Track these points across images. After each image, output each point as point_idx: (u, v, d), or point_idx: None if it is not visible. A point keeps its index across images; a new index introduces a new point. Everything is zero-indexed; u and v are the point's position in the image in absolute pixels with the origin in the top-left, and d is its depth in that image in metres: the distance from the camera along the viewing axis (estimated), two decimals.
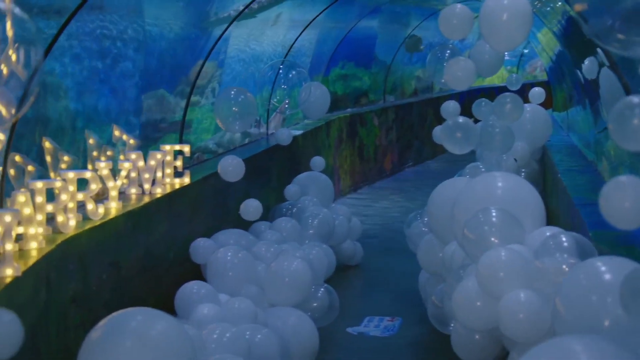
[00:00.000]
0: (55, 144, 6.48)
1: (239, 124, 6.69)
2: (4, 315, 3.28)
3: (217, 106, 6.83)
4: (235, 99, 6.76)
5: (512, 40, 6.40)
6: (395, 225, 11.69)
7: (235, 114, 6.70)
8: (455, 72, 6.67)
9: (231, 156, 6.90)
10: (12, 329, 3.26)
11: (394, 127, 16.99)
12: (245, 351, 5.71)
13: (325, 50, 14.04)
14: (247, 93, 6.85)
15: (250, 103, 6.79)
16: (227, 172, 6.80)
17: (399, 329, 7.79)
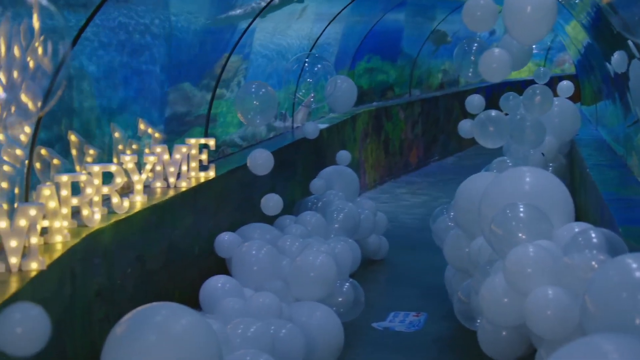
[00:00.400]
0: (80, 137, 6.48)
1: (259, 118, 6.66)
2: (31, 310, 3.26)
3: (238, 100, 6.79)
4: (256, 93, 6.71)
5: (536, 32, 6.33)
6: (421, 220, 11.62)
7: (256, 108, 6.66)
8: (490, 63, 6.57)
9: (260, 149, 6.86)
10: (39, 324, 3.24)
11: (420, 120, 16.89)
12: (270, 346, 5.68)
13: (351, 44, 13.97)
14: (268, 87, 6.81)
15: (271, 97, 6.75)
16: (257, 165, 6.77)
17: (424, 324, 7.72)
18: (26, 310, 3.24)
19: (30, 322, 3.21)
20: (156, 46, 7.89)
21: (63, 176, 5.59)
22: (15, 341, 3.19)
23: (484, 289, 5.52)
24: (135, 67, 7.62)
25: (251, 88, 6.80)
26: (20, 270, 4.62)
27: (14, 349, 3.21)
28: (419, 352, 7.09)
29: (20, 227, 4.62)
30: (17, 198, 5.35)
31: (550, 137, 9.76)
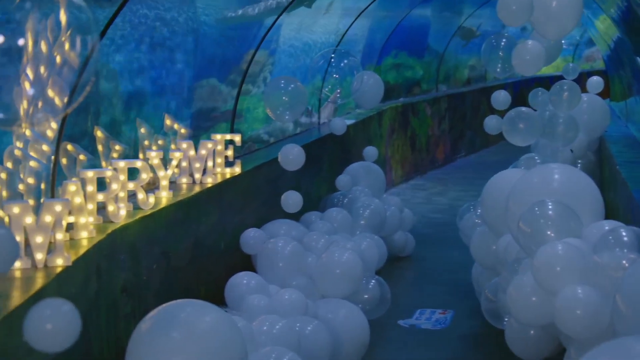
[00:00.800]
0: (106, 133, 6.48)
1: (289, 114, 6.62)
2: (62, 306, 3.24)
3: (267, 96, 6.76)
4: (285, 88, 6.68)
5: (562, 27, 6.25)
6: (447, 217, 11.55)
7: (285, 103, 6.63)
8: (524, 55, 6.48)
9: (292, 145, 6.82)
10: (69, 320, 3.22)
11: (447, 116, 16.80)
12: (295, 343, 5.65)
13: (377, 39, 13.91)
14: (297, 82, 6.78)
15: (301, 92, 6.71)
16: (288, 160, 6.73)
17: (450, 322, 7.67)
18: (57, 306, 3.22)
19: (60, 318, 3.19)
20: (183, 41, 7.88)
21: (89, 172, 5.58)
22: (45, 337, 3.17)
23: (512, 287, 5.45)
24: (161, 63, 7.62)
25: (280, 83, 6.76)
26: (45, 266, 4.61)
27: (44, 345, 3.20)
28: (445, 350, 7.03)
29: (46, 222, 4.62)
30: (44, 194, 5.36)
31: (579, 134, 9.65)
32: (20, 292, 4.22)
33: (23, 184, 5.13)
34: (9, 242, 3.01)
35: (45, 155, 5.45)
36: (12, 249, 3.01)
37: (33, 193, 5.20)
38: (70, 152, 5.92)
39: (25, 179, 5.16)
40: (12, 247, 3.02)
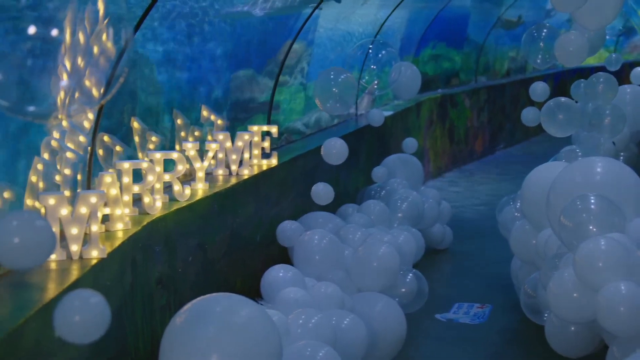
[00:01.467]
0: (143, 124, 6.46)
1: (339, 106, 6.55)
2: (91, 297, 3.20)
3: (317, 87, 6.69)
4: (335, 79, 6.61)
5: (602, 16, 6.11)
6: (486, 209, 11.44)
7: (335, 95, 6.56)
8: (567, 47, 6.36)
9: (334, 138, 6.75)
10: (99, 311, 3.18)
11: (486, 108, 16.64)
12: (331, 337, 5.60)
13: (416, 30, 13.79)
14: (348, 73, 6.70)
15: (351, 83, 6.64)
16: (331, 154, 6.66)
17: (489, 316, 7.57)
18: (86, 297, 3.18)
19: (90, 309, 3.16)
20: (220, 32, 7.84)
21: (124, 163, 5.56)
22: (74, 329, 3.14)
23: (553, 283, 5.35)
24: (198, 53, 7.58)
25: (330, 74, 6.69)
26: (81, 258, 4.59)
27: (73, 336, 3.17)
28: (484, 345, 6.94)
29: (81, 214, 4.60)
30: (80, 185, 5.34)
31: None
32: (56, 284, 4.20)
33: (59, 175, 5.11)
34: (46, 233, 2.98)
35: (81, 146, 5.44)
36: (49, 241, 2.99)
37: (69, 184, 5.18)
38: (106, 143, 5.91)
39: (62, 170, 5.14)
40: (50, 239, 2.99)
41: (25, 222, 2.97)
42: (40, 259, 3.00)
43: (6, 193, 4.43)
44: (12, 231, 2.94)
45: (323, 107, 6.62)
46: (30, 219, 2.99)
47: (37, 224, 2.98)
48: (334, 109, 6.58)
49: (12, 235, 2.93)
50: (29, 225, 2.97)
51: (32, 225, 2.97)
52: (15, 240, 2.92)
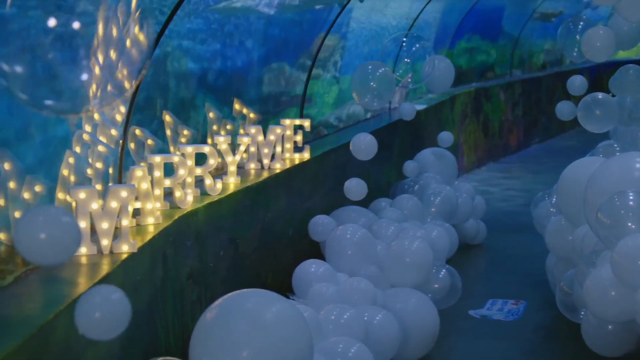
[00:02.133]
0: (175, 117, 6.43)
1: (377, 100, 6.48)
2: (112, 293, 3.16)
3: (355, 81, 6.62)
4: (373, 73, 6.53)
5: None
6: (521, 204, 11.31)
7: (373, 89, 6.49)
8: (594, 42, 6.24)
9: (364, 133, 6.68)
10: (119, 308, 3.14)
11: (521, 102, 16.47)
12: (363, 333, 5.55)
13: (450, 23, 13.66)
14: (386, 67, 6.63)
15: (389, 78, 6.57)
16: (360, 149, 6.60)
17: (523, 313, 7.47)
18: (107, 293, 3.14)
19: (110, 306, 3.12)
20: (252, 25, 7.79)
21: (156, 157, 5.53)
22: (94, 325, 3.10)
23: (589, 281, 5.24)
24: (230, 46, 7.55)
25: (368, 68, 6.62)
26: (111, 252, 4.57)
27: (94, 333, 3.13)
28: (518, 342, 6.84)
29: (112, 208, 4.57)
30: (111, 178, 5.33)
31: None
32: (86, 278, 4.18)
33: (91, 168, 5.10)
34: (72, 230, 2.95)
35: (113, 140, 5.43)
36: (74, 238, 2.95)
37: (101, 178, 5.17)
38: (138, 136, 5.89)
39: (94, 163, 5.13)
40: (75, 236, 2.95)
41: (51, 218, 2.93)
42: (65, 255, 2.96)
43: (37, 187, 4.41)
44: (38, 227, 2.90)
45: (360, 102, 6.55)
46: (56, 215, 2.95)
47: (63, 220, 2.94)
48: (372, 104, 6.51)
49: (39, 231, 2.89)
50: (55, 221, 2.93)
51: (59, 221, 2.93)
52: (41, 236, 2.89)
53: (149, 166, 5.47)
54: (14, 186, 4.30)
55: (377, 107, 6.95)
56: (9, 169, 4.28)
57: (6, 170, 4.28)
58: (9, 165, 4.27)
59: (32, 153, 4.64)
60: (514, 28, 16.37)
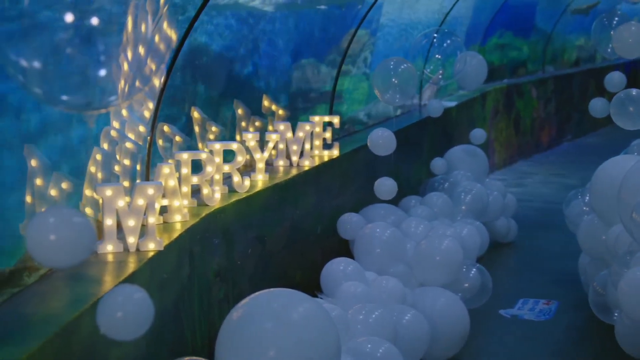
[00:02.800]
0: (203, 114, 6.39)
1: (399, 97, 6.40)
2: (135, 293, 3.11)
3: (376, 77, 6.55)
4: (395, 69, 6.46)
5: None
6: (553, 202, 11.18)
7: (395, 85, 6.41)
8: (626, 38, 6.12)
9: (382, 129, 6.61)
10: (142, 308, 3.09)
11: (553, 98, 16.29)
12: (392, 333, 5.48)
13: (482, 19, 13.53)
14: (408, 63, 6.55)
15: (411, 74, 6.49)
16: (377, 145, 6.52)
17: (555, 313, 7.36)
18: (129, 293, 3.09)
19: (132, 306, 3.06)
20: (281, 20, 7.74)
21: (183, 154, 5.49)
22: (116, 325, 3.05)
23: (624, 281, 5.13)
24: (259, 42, 7.50)
25: (390, 64, 6.55)
26: (138, 250, 4.53)
27: (116, 333, 3.08)
28: (549, 343, 6.74)
29: (138, 206, 4.53)
30: (139, 175, 5.30)
31: None
32: (112, 276, 4.14)
33: (119, 165, 5.07)
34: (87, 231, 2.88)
35: (141, 136, 5.39)
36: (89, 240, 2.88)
37: (128, 174, 5.14)
38: (166, 133, 5.85)
39: (121, 160, 5.10)
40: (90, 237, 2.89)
41: (62, 219, 2.86)
42: (78, 257, 2.89)
43: (64, 184, 4.39)
44: (48, 229, 2.84)
45: (382, 98, 6.47)
46: (68, 216, 2.89)
47: (74, 220, 2.87)
48: (394, 100, 6.43)
49: (49, 232, 2.83)
50: (67, 222, 2.86)
51: (70, 223, 2.86)
52: (51, 238, 2.82)
53: (176, 163, 5.43)
54: (41, 183, 4.28)
55: (399, 104, 6.87)
56: (36, 166, 4.26)
57: (33, 166, 4.26)
58: (35, 161, 4.25)
59: (59, 150, 4.61)
60: (546, 24, 16.19)
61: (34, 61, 2.83)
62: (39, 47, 2.86)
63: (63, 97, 2.90)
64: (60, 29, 2.85)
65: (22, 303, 3.79)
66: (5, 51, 2.79)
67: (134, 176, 5.21)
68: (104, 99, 3.00)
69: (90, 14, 2.90)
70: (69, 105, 2.96)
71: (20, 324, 3.51)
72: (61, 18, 2.85)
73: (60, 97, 2.91)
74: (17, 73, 2.82)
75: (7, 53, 2.79)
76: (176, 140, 5.88)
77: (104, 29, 3.14)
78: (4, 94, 4.02)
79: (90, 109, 3.07)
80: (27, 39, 2.86)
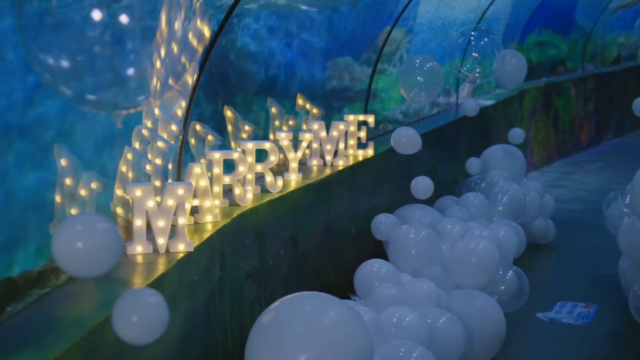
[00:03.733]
0: (236, 112, 6.33)
1: (424, 95, 6.29)
2: (150, 297, 3.03)
3: (401, 75, 6.45)
4: (421, 68, 6.36)
5: None
6: (592, 203, 10.99)
7: (420, 84, 6.31)
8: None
9: (405, 128, 6.50)
10: (157, 311, 3.01)
11: (592, 97, 16.04)
12: (426, 337, 5.38)
13: (520, 16, 13.35)
14: (433, 61, 6.45)
15: (437, 72, 6.38)
16: (401, 143, 6.41)
17: (594, 316, 7.20)
18: (144, 297, 3.01)
19: (147, 309, 2.98)
20: (316, 18, 7.66)
21: (215, 153, 5.43)
22: (132, 329, 2.97)
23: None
24: (293, 40, 7.43)
25: (415, 62, 6.45)
26: (167, 251, 4.48)
27: (131, 337, 3.01)
28: (588, 348, 6.60)
29: (168, 206, 4.47)
30: (170, 175, 5.25)
31: None
32: (141, 278, 4.09)
33: (150, 164, 5.02)
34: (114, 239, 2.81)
35: (173, 136, 5.34)
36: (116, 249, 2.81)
37: (160, 174, 5.09)
38: (198, 132, 5.80)
39: (153, 159, 5.05)
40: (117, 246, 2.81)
41: (88, 226, 2.78)
42: (105, 266, 2.81)
43: (94, 184, 4.34)
44: (75, 236, 2.76)
45: (407, 96, 6.37)
46: (93, 223, 2.81)
47: (100, 227, 2.79)
48: (419, 98, 6.32)
49: (75, 240, 2.75)
50: (93, 229, 2.78)
51: (96, 229, 2.78)
52: (78, 246, 2.74)
53: (208, 163, 5.38)
54: (70, 183, 4.24)
55: (424, 103, 6.76)
56: (65, 165, 4.22)
57: (62, 166, 4.22)
58: (65, 161, 4.21)
59: (89, 149, 4.57)
60: (587, 21, 15.95)
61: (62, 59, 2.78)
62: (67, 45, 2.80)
63: (90, 96, 2.84)
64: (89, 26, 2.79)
65: (50, 305, 3.75)
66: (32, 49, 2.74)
67: (165, 175, 5.16)
68: (133, 98, 2.94)
69: (120, 11, 2.83)
70: (97, 106, 2.90)
71: (48, 326, 3.47)
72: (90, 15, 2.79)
73: (87, 97, 2.85)
74: (44, 71, 2.77)
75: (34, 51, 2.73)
76: (208, 140, 5.82)
77: (132, 27, 3.08)
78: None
79: (118, 109, 3.01)
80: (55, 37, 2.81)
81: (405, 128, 6.42)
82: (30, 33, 2.82)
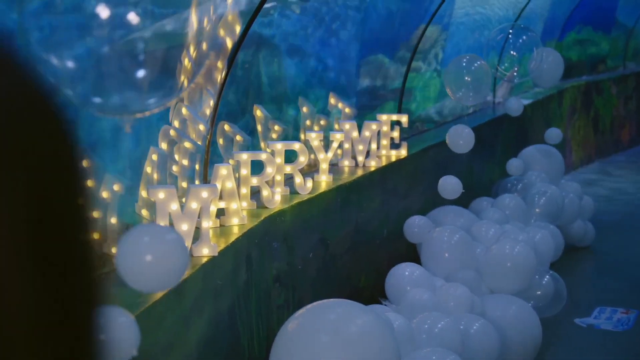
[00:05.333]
0: (266, 112, 6.21)
1: (472, 96, 6.14)
2: (120, 317, 2.91)
3: (448, 75, 6.30)
4: (468, 67, 6.21)
5: None
6: (633, 205, 10.76)
7: (468, 84, 6.16)
8: None
9: (461, 126, 6.35)
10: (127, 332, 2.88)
11: (634, 96, 15.73)
12: (459, 344, 5.23)
13: (560, 14, 13.10)
14: (482, 60, 6.29)
15: (485, 72, 6.23)
16: (457, 144, 6.26)
17: (634, 323, 6.99)
18: (114, 317, 2.90)
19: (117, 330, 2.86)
20: (350, 15, 7.53)
21: (242, 154, 5.31)
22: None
23: None
24: (326, 38, 7.30)
25: (462, 62, 6.30)
26: (191, 255, 4.36)
27: None
28: (628, 355, 6.42)
29: (192, 209, 4.35)
30: (197, 176, 5.13)
31: None
32: None
33: (177, 165, 4.91)
34: (181, 252, 2.67)
35: (201, 136, 5.23)
36: (182, 262, 2.67)
37: (187, 175, 4.98)
38: (227, 132, 5.68)
39: (180, 160, 4.94)
40: (183, 260, 2.68)
41: (155, 237, 2.64)
42: (171, 280, 2.67)
43: (116, 185, 4.24)
44: (143, 249, 2.61)
45: (454, 97, 6.22)
46: (161, 234, 2.67)
47: (167, 237, 2.65)
48: (467, 99, 6.16)
49: (143, 253, 2.60)
50: (160, 241, 2.63)
51: (163, 242, 2.64)
52: (147, 259, 2.59)
53: (236, 163, 5.26)
54: (91, 184, 4.14)
55: (472, 103, 6.60)
56: (86, 167, 4.12)
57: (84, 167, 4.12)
58: (86, 162, 4.11)
59: (111, 150, 4.48)
60: (629, 18, 15.64)
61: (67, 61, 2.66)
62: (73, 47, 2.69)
63: (96, 99, 2.73)
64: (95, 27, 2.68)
65: None
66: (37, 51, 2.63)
67: (192, 177, 5.05)
68: (142, 102, 2.82)
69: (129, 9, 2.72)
70: (103, 109, 2.79)
71: None
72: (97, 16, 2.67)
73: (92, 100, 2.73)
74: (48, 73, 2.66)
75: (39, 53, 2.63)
76: (237, 140, 5.70)
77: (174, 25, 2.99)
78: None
79: (127, 113, 2.89)
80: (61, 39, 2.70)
81: (462, 126, 6.29)
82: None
